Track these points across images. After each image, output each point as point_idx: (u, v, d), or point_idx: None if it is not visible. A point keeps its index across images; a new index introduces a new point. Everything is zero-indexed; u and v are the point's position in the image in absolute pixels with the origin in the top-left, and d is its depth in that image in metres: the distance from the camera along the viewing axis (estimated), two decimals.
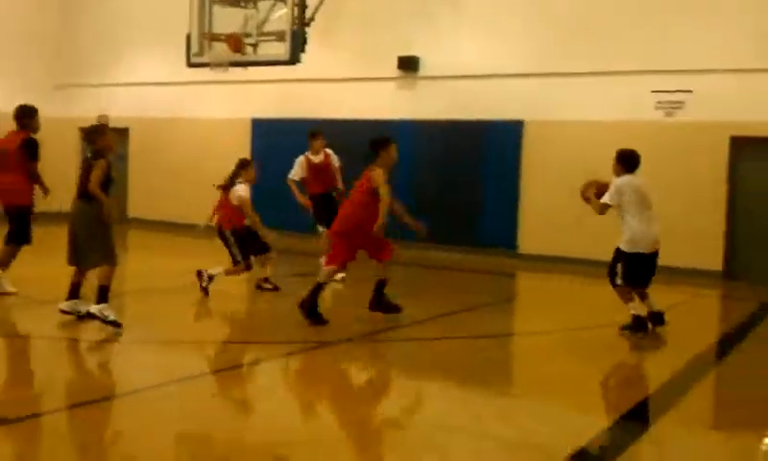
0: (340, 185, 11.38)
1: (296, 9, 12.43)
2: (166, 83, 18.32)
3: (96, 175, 7.09)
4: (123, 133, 18.99)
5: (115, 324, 7.16)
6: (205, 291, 9.27)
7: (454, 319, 8.66)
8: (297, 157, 11.77)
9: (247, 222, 9.45)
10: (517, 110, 14.57)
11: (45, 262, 11.77)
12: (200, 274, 9.35)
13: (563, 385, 6.29)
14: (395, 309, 8.26)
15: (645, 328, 8.02)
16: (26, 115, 9.01)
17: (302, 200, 11.27)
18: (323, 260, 8.85)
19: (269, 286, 9.83)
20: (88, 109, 19.60)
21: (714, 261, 12.62)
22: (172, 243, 11.98)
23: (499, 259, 14.21)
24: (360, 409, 5.42)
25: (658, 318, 8.19)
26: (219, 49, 12.64)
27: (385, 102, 15.92)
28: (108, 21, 19.47)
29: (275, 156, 13.95)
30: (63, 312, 7.48)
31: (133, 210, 18.37)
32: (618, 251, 8.10)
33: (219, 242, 9.55)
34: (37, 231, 9.11)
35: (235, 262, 9.42)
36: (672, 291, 10.28)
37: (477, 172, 15.05)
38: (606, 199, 7.94)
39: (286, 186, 11.58)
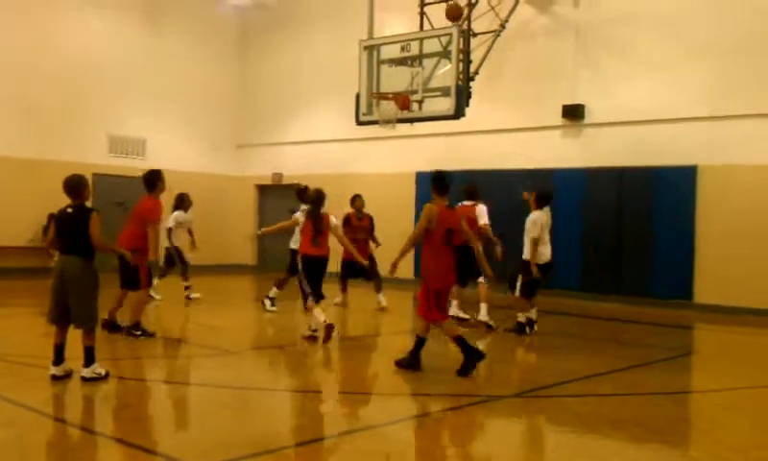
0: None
1: (461, 64, 12.73)
2: (335, 140, 19.15)
3: (99, 228, 6.74)
4: (294, 188, 19.92)
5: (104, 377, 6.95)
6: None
7: (627, 374, 8.36)
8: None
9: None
10: (690, 155, 14.08)
11: (226, 313, 12.50)
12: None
13: (744, 447, 5.93)
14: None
15: None
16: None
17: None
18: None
19: None
20: (264, 166, 20.85)
21: None
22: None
23: (674, 311, 13.64)
24: None
25: None
26: (386, 106, 13.11)
27: (550, 151, 15.83)
28: (281, 86, 20.69)
29: None
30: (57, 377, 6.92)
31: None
32: None
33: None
34: (216, 282, 9.64)
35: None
36: None
37: (649, 220, 14.63)
38: None
39: None
